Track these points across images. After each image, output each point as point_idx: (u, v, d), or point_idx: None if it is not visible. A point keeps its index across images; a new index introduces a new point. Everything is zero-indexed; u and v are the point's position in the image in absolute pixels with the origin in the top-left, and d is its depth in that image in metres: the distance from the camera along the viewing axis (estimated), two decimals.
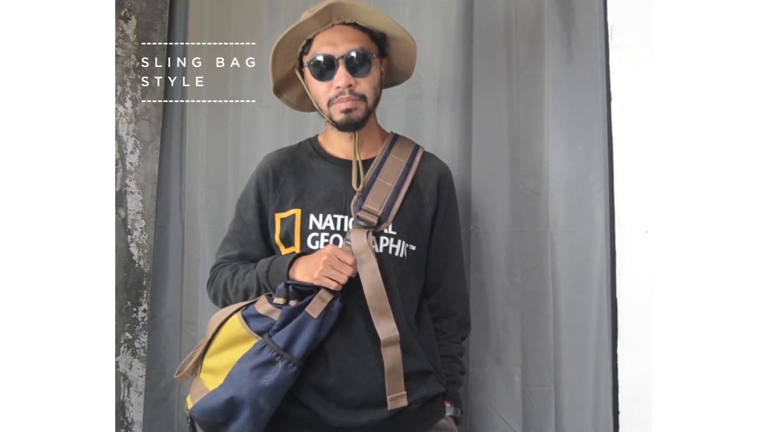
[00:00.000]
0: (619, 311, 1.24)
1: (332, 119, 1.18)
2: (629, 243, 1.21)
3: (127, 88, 2.13)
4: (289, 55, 1.21)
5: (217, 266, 1.25)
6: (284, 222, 1.19)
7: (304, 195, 1.20)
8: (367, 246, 1.12)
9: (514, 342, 1.45)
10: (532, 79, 1.43)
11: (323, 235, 1.16)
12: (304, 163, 1.24)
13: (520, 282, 1.44)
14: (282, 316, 1.07)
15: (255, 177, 1.25)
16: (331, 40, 1.16)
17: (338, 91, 1.15)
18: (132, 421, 2.14)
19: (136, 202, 2.16)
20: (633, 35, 1.22)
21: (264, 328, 1.08)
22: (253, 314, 1.11)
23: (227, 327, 1.12)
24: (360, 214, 1.15)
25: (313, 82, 1.18)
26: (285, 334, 1.06)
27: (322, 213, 1.17)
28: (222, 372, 1.09)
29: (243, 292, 1.17)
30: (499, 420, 1.45)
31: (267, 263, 1.16)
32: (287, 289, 1.09)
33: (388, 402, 1.10)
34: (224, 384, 1.06)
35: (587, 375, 1.32)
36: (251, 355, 1.06)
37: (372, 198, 1.18)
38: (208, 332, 1.14)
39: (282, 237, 1.19)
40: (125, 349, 2.14)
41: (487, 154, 1.49)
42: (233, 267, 1.22)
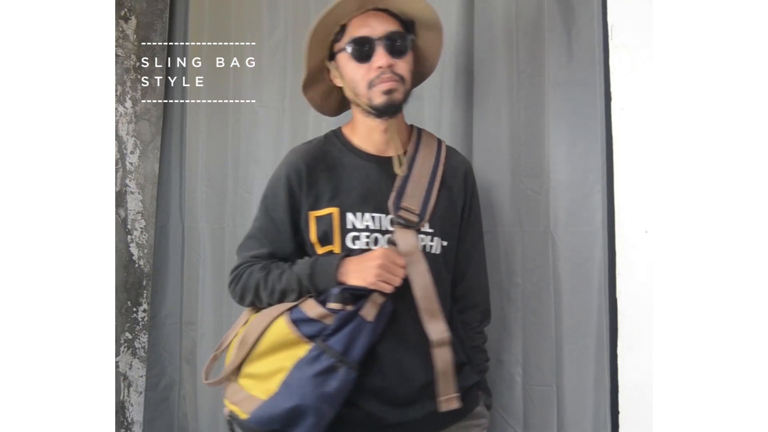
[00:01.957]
0: (619, 311, 1.24)
1: (371, 103, 1.14)
2: (629, 243, 1.21)
3: (127, 88, 2.13)
4: (323, 41, 1.17)
5: (244, 265, 1.19)
6: (320, 221, 1.15)
7: (340, 193, 1.15)
8: (416, 247, 1.13)
9: (515, 342, 1.45)
10: (532, 79, 1.43)
11: (363, 235, 1.14)
12: (336, 159, 1.19)
13: (521, 281, 1.44)
14: (337, 321, 1.04)
15: (284, 172, 1.17)
16: (367, 23, 1.14)
17: (379, 71, 1.12)
18: (132, 421, 2.14)
19: (136, 202, 2.16)
20: (633, 35, 1.22)
21: (315, 333, 1.05)
22: (303, 318, 1.07)
23: (273, 331, 1.08)
24: (402, 213, 1.14)
25: (350, 66, 1.15)
26: (342, 339, 1.04)
27: (360, 211, 1.14)
28: (268, 378, 1.06)
29: (279, 293, 1.12)
30: (500, 419, 1.45)
31: (309, 265, 1.11)
32: (344, 294, 1.06)
33: (441, 403, 1.12)
34: (282, 392, 1.03)
35: (588, 374, 1.32)
36: (308, 362, 1.03)
37: (409, 195, 1.16)
38: (247, 337, 1.09)
39: (319, 236, 1.15)
40: (125, 349, 2.14)
41: (487, 154, 1.49)
42: (264, 267, 1.16)
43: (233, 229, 1.94)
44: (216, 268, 1.98)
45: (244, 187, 1.92)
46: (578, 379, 1.34)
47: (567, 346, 1.35)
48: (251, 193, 1.90)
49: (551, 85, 1.39)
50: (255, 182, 1.90)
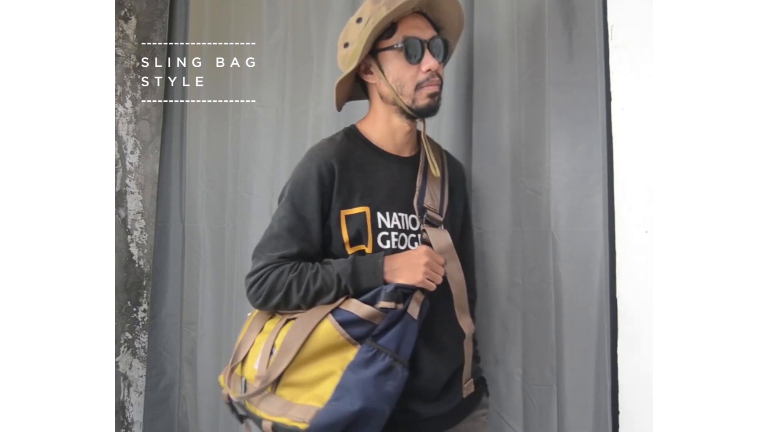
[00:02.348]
0: (619, 311, 1.24)
1: (415, 105, 1.15)
2: (629, 243, 1.21)
3: (127, 88, 2.13)
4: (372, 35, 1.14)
5: (270, 266, 1.12)
6: (352, 219, 1.13)
7: (371, 192, 1.15)
8: (451, 245, 1.15)
9: (515, 342, 1.45)
10: (533, 79, 1.43)
11: (393, 234, 1.14)
12: (362, 157, 1.18)
13: (521, 282, 1.44)
14: (387, 320, 1.04)
15: (315, 169, 1.13)
16: (417, 24, 1.15)
17: (428, 74, 1.13)
18: (132, 421, 2.14)
19: (136, 202, 2.16)
20: (633, 35, 1.22)
21: (363, 334, 1.04)
22: (352, 319, 1.05)
23: (320, 336, 1.04)
24: (429, 213, 1.17)
25: (399, 65, 1.14)
26: (394, 338, 1.04)
27: (388, 211, 1.15)
28: (315, 384, 1.03)
29: (314, 294, 1.08)
30: (499, 420, 1.45)
31: (350, 264, 1.09)
32: (397, 293, 1.06)
33: (464, 390, 1.19)
34: (341, 396, 1.00)
35: (589, 374, 1.32)
36: (364, 363, 1.02)
37: (429, 195, 1.19)
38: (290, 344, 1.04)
39: (352, 236, 1.13)
40: (125, 349, 2.14)
41: (488, 154, 1.49)
42: (294, 267, 1.11)
43: (233, 229, 1.94)
44: (216, 268, 1.98)
45: (244, 187, 1.92)
46: (578, 379, 1.34)
47: (567, 346, 1.35)
48: (251, 193, 1.90)
49: (552, 85, 1.39)
50: (255, 182, 1.90)
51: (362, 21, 1.14)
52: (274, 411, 1.04)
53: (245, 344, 1.13)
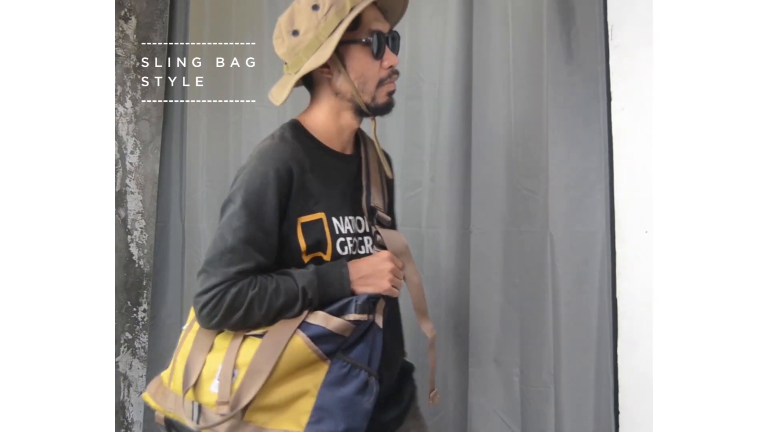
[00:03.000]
0: (619, 311, 1.24)
1: (374, 102, 1.08)
2: (629, 243, 1.21)
3: (127, 88, 2.13)
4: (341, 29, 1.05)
5: (226, 283, 0.99)
6: (309, 227, 1.05)
7: (325, 196, 1.07)
8: (407, 246, 1.10)
9: (512, 342, 1.45)
10: (531, 79, 1.43)
11: (348, 239, 1.08)
12: (315, 158, 1.09)
13: (519, 282, 1.44)
14: (357, 332, 0.99)
15: (273, 174, 1.02)
16: (376, 17, 1.08)
17: (389, 70, 1.08)
18: (132, 421, 2.14)
19: (136, 202, 2.16)
20: (633, 35, 1.22)
21: (333, 349, 0.98)
22: (322, 334, 0.98)
23: (290, 354, 0.97)
24: (380, 214, 1.11)
25: (364, 60, 1.07)
26: (365, 351, 0.99)
27: (341, 215, 1.08)
28: (288, 406, 0.96)
29: (278, 310, 1.00)
30: (498, 420, 1.45)
31: (314, 275, 1.01)
32: (367, 304, 1.00)
33: (431, 399, 1.16)
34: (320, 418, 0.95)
35: (588, 375, 1.32)
36: (339, 380, 0.97)
37: (374, 195, 1.13)
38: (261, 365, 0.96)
39: (310, 244, 1.04)
40: (125, 349, 2.14)
41: (486, 154, 1.49)
42: (253, 283, 1.00)
43: None
44: None
45: None
46: (578, 379, 1.33)
47: (566, 347, 1.35)
48: None
49: (551, 84, 1.38)
50: None
51: (319, 9, 1.04)
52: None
53: (195, 364, 1.02)
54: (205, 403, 0.99)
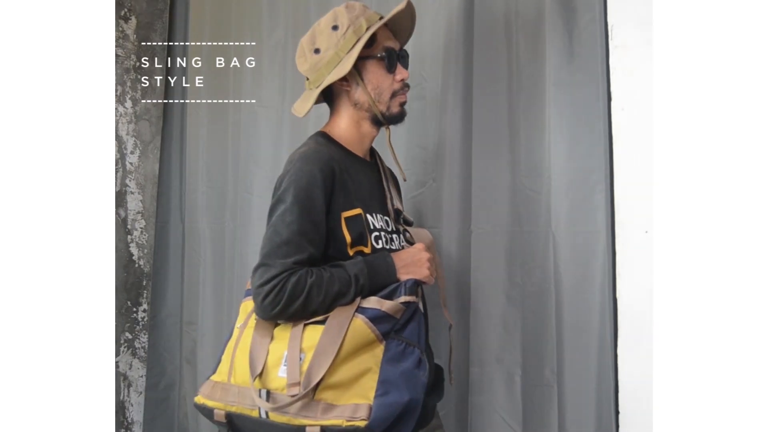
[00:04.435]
0: (620, 311, 1.24)
1: (389, 112, 1.23)
2: (629, 243, 1.21)
3: (127, 88, 2.13)
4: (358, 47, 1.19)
5: (286, 273, 1.07)
6: (351, 221, 1.16)
7: (359, 194, 1.19)
8: (433, 242, 1.26)
9: (514, 342, 1.44)
10: (533, 79, 1.43)
11: (382, 234, 1.20)
12: (347, 161, 1.21)
13: (521, 282, 1.44)
14: (406, 314, 1.10)
15: (319, 173, 1.13)
16: (388, 35, 1.24)
17: (401, 84, 1.23)
18: (132, 421, 2.14)
19: (136, 202, 2.16)
20: (633, 35, 1.22)
21: (387, 330, 1.07)
22: (379, 315, 1.07)
23: (353, 336, 1.05)
24: (405, 215, 1.28)
25: (380, 74, 1.21)
26: (415, 331, 1.10)
27: (374, 212, 1.21)
28: (353, 383, 1.04)
29: (333, 297, 1.09)
30: (499, 420, 1.45)
31: (364, 264, 1.12)
32: (415, 287, 1.11)
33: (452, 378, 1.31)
34: (386, 390, 1.03)
35: (590, 374, 1.32)
36: (398, 357, 1.06)
37: (395, 198, 1.28)
38: (328, 347, 1.04)
39: (355, 237, 1.15)
40: (125, 349, 2.14)
41: (488, 153, 1.49)
42: (310, 272, 1.09)
43: (233, 229, 1.94)
44: (216, 268, 1.98)
45: (244, 187, 1.92)
46: (579, 379, 1.33)
47: (567, 346, 1.35)
48: (251, 193, 1.90)
49: (552, 85, 1.38)
50: (255, 182, 1.90)
51: (339, 29, 1.18)
52: (318, 415, 1.02)
53: (258, 354, 1.09)
54: (274, 389, 1.05)
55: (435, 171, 1.56)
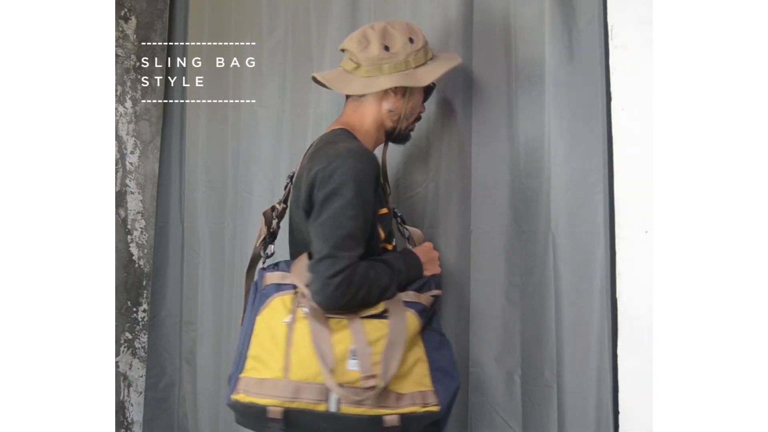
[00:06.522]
0: (619, 311, 1.24)
1: (404, 132, 1.35)
2: (629, 243, 1.21)
3: (127, 88, 2.13)
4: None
5: (351, 266, 1.11)
6: (383, 219, 1.24)
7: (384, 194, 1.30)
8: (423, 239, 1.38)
9: (514, 342, 1.44)
10: (532, 79, 1.43)
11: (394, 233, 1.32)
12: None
13: (520, 282, 1.44)
14: (434, 306, 1.21)
15: (372, 170, 1.17)
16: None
17: (419, 114, 1.36)
18: (132, 421, 2.14)
19: (136, 202, 2.16)
20: (633, 35, 1.22)
21: (426, 321, 1.18)
22: (422, 309, 1.18)
23: (410, 328, 1.14)
24: (402, 216, 1.40)
25: (418, 99, 1.34)
26: (438, 322, 1.23)
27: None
28: (408, 372, 1.12)
29: (383, 289, 1.15)
30: (499, 420, 1.45)
31: (402, 260, 1.22)
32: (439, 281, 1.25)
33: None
34: (440, 377, 1.15)
35: (590, 375, 1.32)
36: (437, 347, 1.18)
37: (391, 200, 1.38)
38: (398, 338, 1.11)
39: (387, 234, 1.25)
40: (125, 349, 2.14)
41: (487, 154, 1.49)
42: (369, 265, 1.15)
43: (233, 229, 1.94)
44: (216, 268, 1.97)
45: (244, 187, 1.92)
46: (578, 379, 1.33)
47: (567, 346, 1.35)
48: (251, 193, 1.90)
49: (551, 85, 1.38)
50: (255, 182, 1.90)
51: (414, 43, 1.27)
52: (392, 404, 1.08)
53: (325, 349, 1.09)
54: (346, 382, 1.07)
55: (434, 171, 1.56)
